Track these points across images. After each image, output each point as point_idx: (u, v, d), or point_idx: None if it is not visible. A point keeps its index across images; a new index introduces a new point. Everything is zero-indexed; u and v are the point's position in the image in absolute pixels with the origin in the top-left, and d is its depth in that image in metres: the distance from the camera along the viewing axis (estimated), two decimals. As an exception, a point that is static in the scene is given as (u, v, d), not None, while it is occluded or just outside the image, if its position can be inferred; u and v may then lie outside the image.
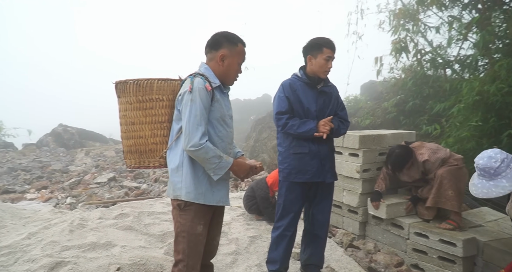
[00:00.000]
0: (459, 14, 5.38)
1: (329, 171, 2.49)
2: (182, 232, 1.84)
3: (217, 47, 1.89)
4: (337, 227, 3.80)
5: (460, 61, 5.55)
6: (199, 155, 1.75)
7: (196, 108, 1.74)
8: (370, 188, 3.55)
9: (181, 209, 1.83)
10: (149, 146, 1.91)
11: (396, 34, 5.93)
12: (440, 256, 2.79)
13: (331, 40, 2.43)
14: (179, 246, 1.85)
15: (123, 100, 1.94)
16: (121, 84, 1.93)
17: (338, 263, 2.90)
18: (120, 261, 2.60)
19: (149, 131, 1.90)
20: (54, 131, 11.70)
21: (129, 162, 1.99)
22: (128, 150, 1.98)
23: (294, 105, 2.46)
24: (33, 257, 2.57)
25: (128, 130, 1.94)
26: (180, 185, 1.81)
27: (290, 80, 2.52)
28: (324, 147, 2.46)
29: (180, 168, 1.83)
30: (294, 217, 2.53)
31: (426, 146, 3.20)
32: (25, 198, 5.26)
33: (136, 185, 6.09)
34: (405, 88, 6.15)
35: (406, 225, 3.08)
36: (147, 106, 1.89)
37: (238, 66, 1.95)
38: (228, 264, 2.90)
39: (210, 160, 1.76)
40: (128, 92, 1.91)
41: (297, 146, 2.45)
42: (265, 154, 8.82)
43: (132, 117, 1.91)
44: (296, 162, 2.45)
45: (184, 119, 1.75)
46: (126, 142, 1.97)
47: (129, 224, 3.40)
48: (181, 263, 1.84)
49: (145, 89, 1.88)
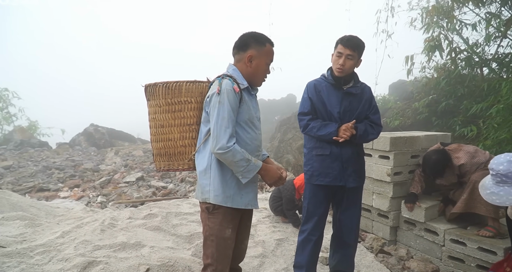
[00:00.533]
0: (498, 11, 5.09)
1: (352, 175, 2.36)
2: (211, 236, 1.83)
3: (245, 48, 1.87)
4: (367, 231, 3.69)
5: (499, 59, 5.25)
6: (226, 158, 1.73)
7: (224, 110, 1.73)
8: (402, 192, 3.42)
9: (209, 212, 1.83)
10: (178, 149, 1.92)
11: (429, 32, 5.70)
12: (478, 264, 2.65)
13: (349, 36, 2.29)
14: (208, 250, 1.84)
15: (152, 103, 1.95)
16: (151, 87, 1.94)
17: (368, 269, 2.81)
18: (149, 262, 2.64)
19: (178, 134, 1.91)
20: (86, 131, 12.16)
21: (159, 165, 2.00)
22: (157, 153, 1.99)
23: (317, 107, 2.40)
24: (67, 256, 2.64)
25: (158, 133, 1.95)
26: (208, 188, 1.81)
27: (316, 81, 2.46)
28: (347, 149, 2.34)
29: (208, 170, 1.82)
30: (318, 220, 2.47)
31: (464, 149, 3.04)
32: (58, 196, 5.47)
33: (163, 185, 6.19)
34: (438, 87, 5.90)
35: (441, 231, 2.94)
36: (176, 108, 1.90)
37: (266, 66, 1.91)
38: (255, 267, 2.88)
39: (238, 163, 1.74)
40: (158, 95, 1.91)
41: (319, 148, 2.39)
42: (290, 154, 8.75)
43: (162, 120, 1.92)
44: (318, 164, 2.39)
45: (212, 121, 1.74)
46: (156, 145, 1.98)
47: (157, 225, 3.44)
48: (210, 267, 1.83)
49: (174, 91, 1.89)
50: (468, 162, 2.90)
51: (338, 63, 2.28)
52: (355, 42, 2.26)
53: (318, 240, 2.51)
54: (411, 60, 6.12)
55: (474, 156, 2.93)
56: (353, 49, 2.25)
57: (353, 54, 2.26)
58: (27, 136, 12.36)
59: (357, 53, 2.28)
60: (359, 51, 2.29)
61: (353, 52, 2.25)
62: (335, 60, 2.32)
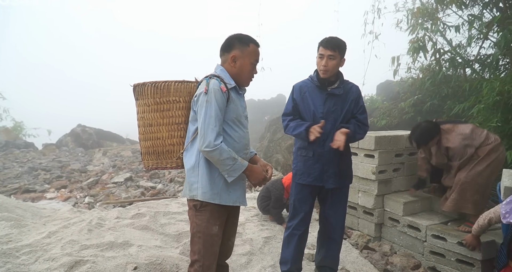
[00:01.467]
0: (480, 13, 5.23)
1: (332, 177, 2.41)
2: (198, 233, 1.86)
3: (229, 49, 1.92)
4: (352, 228, 3.76)
5: (481, 60, 5.39)
6: (213, 156, 1.76)
7: (211, 109, 1.76)
8: (386, 190, 3.51)
9: (197, 209, 1.86)
10: (166, 147, 1.95)
11: (414, 33, 5.81)
12: (458, 259, 2.74)
13: (328, 38, 2.35)
14: (195, 246, 1.87)
15: (141, 103, 1.98)
16: (139, 87, 1.97)
17: (353, 265, 2.88)
18: (137, 261, 2.65)
19: (166, 133, 1.94)
20: (73, 132, 12.00)
21: (147, 163, 2.03)
22: (146, 152, 2.02)
23: (301, 108, 2.47)
24: (53, 256, 2.63)
25: (146, 132, 1.98)
26: (196, 185, 1.84)
27: (302, 82, 2.53)
28: (329, 151, 2.38)
29: (196, 168, 1.85)
30: (304, 217, 2.54)
31: (457, 130, 2.92)
32: (45, 197, 5.41)
33: (152, 185, 6.18)
34: (423, 88, 6.02)
35: (423, 227, 3.02)
36: (165, 108, 1.93)
37: (251, 66, 1.94)
38: (243, 264, 2.91)
39: (224, 162, 1.77)
40: (146, 94, 1.94)
41: (303, 149, 2.47)
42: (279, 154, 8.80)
43: (150, 119, 1.95)
44: (302, 164, 2.48)
45: (200, 120, 1.78)
46: (144, 143, 2.01)
47: (145, 224, 3.45)
48: (197, 263, 1.86)
49: (162, 91, 1.92)
50: (457, 147, 2.84)
51: (321, 64, 2.34)
52: (334, 42, 2.32)
53: (302, 235, 2.57)
54: (397, 60, 6.22)
55: (466, 139, 2.84)
56: (333, 49, 2.31)
57: (334, 54, 2.31)
58: (12, 137, 12.14)
59: (339, 52, 2.33)
60: (340, 50, 2.34)
61: (334, 52, 2.31)
62: (318, 62, 2.38)
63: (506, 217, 2.06)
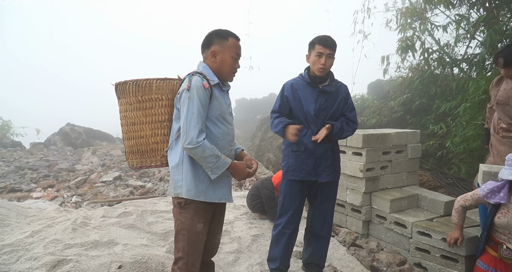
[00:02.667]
0: (467, 13, 5.30)
1: (325, 171, 2.44)
2: (182, 230, 1.85)
3: (208, 45, 1.91)
4: (341, 226, 3.77)
5: (468, 60, 5.47)
6: (196, 153, 1.75)
7: (193, 106, 1.75)
8: (374, 187, 3.52)
9: (181, 207, 1.84)
10: (150, 146, 1.93)
11: (403, 33, 5.87)
12: (443, 255, 2.76)
13: (324, 36, 2.37)
14: (179, 244, 1.86)
15: (123, 101, 1.96)
16: (121, 85, 1.95)
17: (340, 262, 2.88)
18: (121, 259, 2.61)
19: (150, 131, 1.92)
20: (62, 130, 11.81)
21: (131, 162, 2.00)
22: (130, 151, 2.00)
23: (293, 106, 2.48)
24: (35, 255, 2.59)
25: (129, 130, 1.96)
26: (181, 183, 1.82)
27: (293, 80, 2.54)
28: (320, 146, 2.41)
29: (180, 166, 1.84)
30: (293, 214, 2.53)
31: None
32: (31, 197, 5.31)
33: (141, 184, 6.11)
34: (412, 87, 6.09)
35: (409, 224, 3.04)
36: (147, 106, 1.91)
37: (232, 60, 1.93)
38: (230, 262, 2.90)
39: (207, 159, 1.77)
40: (128, 93, 1.92)
41: (295, 144, 2.46)
42: (271, 153, 8.80)
43: (133, 117, 1.93)
44: (293, 160, 2.48)
45: (182, 117, 1.77)
46: (128, 142, 1.99)
47: (132, 223, 3.41)
48: (181, 261, 1.85)
49: (144, 89, 1.90)
50: None
51: (320, 62, 2.35)
52: (332, 41, 2.37)
53: (292, 234, 2.57)
54: (387, 60, 6.28)
55: None
56: (332, 48, 2.36)
57: (332, 53, 2.37)
58: (-1, 136, 11.92)
59: (334, 51, 2.38)
60: (335, 49, 2.39)
61: (332, 51, 2.36)
62: (315, 60, 2.37)
63: (489, 197, 2.11)
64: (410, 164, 3.79)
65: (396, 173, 3.70)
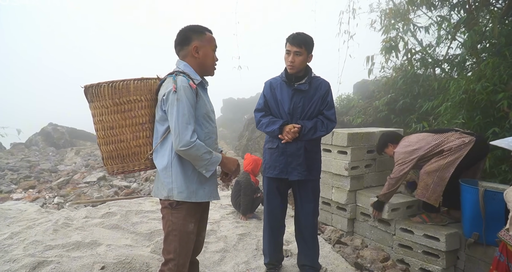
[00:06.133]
0: (448, 14, 5.42)
1: (296, 169, 2.43)
2: (174, 231, 1.82)
3: (187, 42, 1.89)
4: (326, 224, 3.81)
5: (449, 60, 5.59)
6: (191, 153, 1.74)
7: (183, 106, 1.73)
8: (358, 185, 3.57)
9: (173, 207, 1.82)
10: (132, 150, 1.86)
11: (387, 33, 5.95)
12: (424, 250, 2.82)
13: (293, 34, 2.37)
14: (170, 245, 1.83)
15: (97, 105, 1.84)
16: (94, 88, 1.82)
17: (325, 259, 2.91)
18: (104, 260, 2.57)
19: (131, 134, 1.84)
20: (44, 130, 11.54)
21: (111, 168, 1.90)
22: (108, 156, 1.88)
23: (270, 104, 2.51)
24: (15, 257, 2.52)
25: (107, 135, 1.85)
26: (171, 185, 1.80)
27: (272, 79, 2.56)
28: (292, 145, 2.41)
29: (169, 168, 1.81)
30: (273, 211, 2.58)
31: (408, 138, 3.08)
32: (11, 198, 5.17)
33: (126, 184, 6.03)
34: (396, 87, 6.17)
35: (392, 221, 3.09)
36: (126, 108, 1.83)
37: (213, 53, 1.95)
38: (216, 261, 2.89)
39: (202, 157, 1.77)
40: (103, 95, 1.81)
41: (270, 142, 2.52)
42: (258, 152, 8.80)
43: (110, 121, 1.83)
44: (269, 157, 2.53)
45: (172, 119, 1.73)
46: (106, 148, 1.87)
47: (115, 223, 3.36)
48: (172, 262, 1.82)
49: (121, 91, 1.80)
50: (397, 152, 3.02)
51: (288, 60, 2.36)
52: (300, 39, 2.33)
53: (275, 230, 2.61)
54: (372, 60, 6.34)
55: (409, 146, 2.94)
56: (299, 46, 2.33)
57: (301, 50, 2.33)
58: (-23, 136, 11.53)
59: (305, 48, 2.35)
60: (306, 46, 2.35)
61: (300, 49, 2.33)
62: (285, 58, 2.40)
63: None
64: (393, 163, 3.84)
65: (380, 171, 3.76)
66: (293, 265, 2.80)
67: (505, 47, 3.97)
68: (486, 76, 3.74)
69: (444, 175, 2.73)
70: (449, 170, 2.72)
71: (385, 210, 3.08)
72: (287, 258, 2.94)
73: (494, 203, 2.46)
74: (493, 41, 4.40)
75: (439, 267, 2.72)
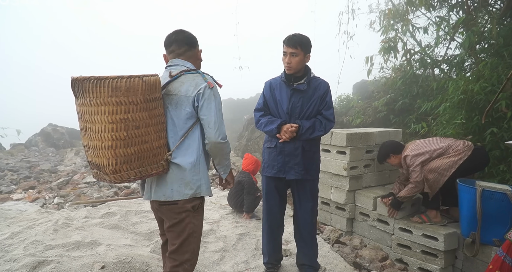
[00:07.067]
0: (447, 15, 5.44)
1: (293, 168, 2.44)
2: (195, 233, 1.85)
3: (194, 44, 1.94)
4: (325, 224, 3.82)
5: (448, 60, 5.60)
6: (225, 148, 1.83)
7: (219, 102, 1.82)
8: (357, 185, 3.58)
9: (195, 210, 1.84)
10: (153, 151, 1.69)
11: (386, 34, 5.97)
12: (423, 250, 2.83)
13: (289, 35, 2.39)
14: (189, 246, 1.84)
15: (122, 100, 1.56)
16: (125, 81, 1.56)
17: (324, 259, 2.92)
18: (104, 260, 2.58)
19: (155, 134, 1.69)
20: (44, 131, 11.52)
21: (127, 175, 1.63)
22: (125, 160, 1.61)
23: (269, 104, 2.54)
24: (15, 257, 2.53)
25: (131, 136, 1.60)
26: (200, 182, 1.81)
27: (272, 79, 2.59)
28: (289, 144, 2.43)
29: (197, 165, 1.81)
30: (271, 210, 2.60)
31: (416, 143, 3.12)
32: (11, 199, 5.17)
33: (126, 184, 6.03)
34: (395, 87, 6.19)
35: (391, 220, 3.11)
36: (153, 106, 1.67)
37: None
38: (215, 261, 2.90)
39: (227, 156, 1.88)
40: (135, 90, 1.58)
41: (268, 141, 2.56)
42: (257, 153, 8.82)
43: (138, 119, 1.61)
44: (267, 156, 2.56)
45: (211, 113, 1.77)
46: (124, 151, 1.60)
47: (115, 223, 3.37)
48: (188, 262, 1.84)
49: (151, 86, 1.63)
50: (408, 156, 2.99)
51: (285, 61, 2.39)
52: (296, 40, 2.35)
53: (273, 229, 2.63)
54: (371, 60, 6.37)
55: (419, 149, 2.98)
56: (295, 47, 2.34)
57: (296, 51, 2.35)
58: (-23, 136, 11.53)
59: (301, 49, 2.36)
60: (302, 47, 2.36)
61: (296, 49, 2.35)
62: (282, 59, 2.43)
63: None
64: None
65: (379, 171, 3.78)
66: (292, 264, 2.82)
67: (504, 48, 3.99)
68: (485, 77, 3.75)
69: (445, 173, 2.79)
70: (451, 169, 2.79)
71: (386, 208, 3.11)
72: (286, 257, 2.96)
73: (492, 202, 2.47)
74: (491, 41, 4.42)
75: (437, 266, 2.73)
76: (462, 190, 2.69)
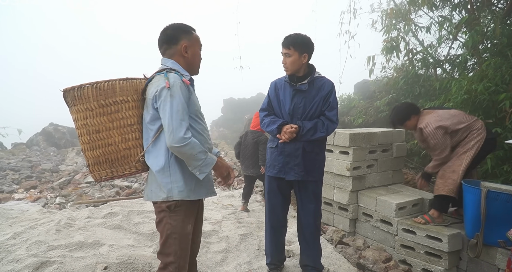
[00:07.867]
0: (449, 14, 5.42)
1: (293, 169, 2.43)
2: (174, 234, 1.79)
3: (175, 41, 1.85)
4: (328, 224, 3.81)
5: (450, 60, 5.59)
6: (185, 151, 1.69)
7: (177, 103, 1.69)
8: (360, 186, 3.57)
9: (171, 210, 1.78)
10: (121, 153, 1.78)
11: (388, 33, 5.95)
12: (427, 251, 2.82)
13: (286, 37, 2.38)
14: (170, 248, 1.79)
15: (80, 108, 1.73)
16: (76, 90, 1.71)
17: (327, 260, 2.91)
18: (107, 260, 2.57)
19: (119, 136, 1.77)
20: (45, 130, 11.55)
21: (99, 175, 1.79)
22: (95, 162, 1.77)
23: (273, 104, 2.55)
24: (18, 257, 2.52)
25: (93, 139, 1.75)
26: (171, 185, 1.76)
27: (278, 79, 2.60)
28: (290, 145, 2.42)
29: (166, 168, 1.77)
30: (274, 209, 2.59)
31: (437, 112, 2.98)
32: (13, 198, 5.17)
33: (127, 184, 6.03)
34: (397, 87, 6.18)
35: (394, 221, 3.09)
36: (112, 110, 1.74)
37: (199, 52, 1.94)
38: (218, 262, 2.89)
39: (197, 156, 1.72)
40: (87, 97, 1.71)
41: (271, 141, 2.56)
42: (258, 153, 8.83)
43: (96, 124, 1.73)
44: (269, 156, 2.57)
45: (166, 116, 1.68)
46: (92, 153, 1.76)
47: (118, 223, 3.36)
48: (172, 265, 1.79)
49: (106, 91, 1.72)
50: (428, 126, 2.86)
51: (283, 62, 2.41)
52: (290, 40, 2.34)
53: (276, 229, 2.62)
54: (373, 60, 6.35)
55: (438, 121, 2.86)
56: (287, 47, 2.34)
57: (289, 52, 2.35)
58: (-22, 136, 11.53)
59: (294, 49, 2.34)
60: (295, 47, 2.33)
61: (288, 50, 2.34)
62: (282, 60, 2.43)
63: None
64: (395, 163, 3.85)
65: (382, 172, 3.76)
66: (295, 265, 2.81)
67: (507, 47, 3.97)
68: (488, 77, 3.74)
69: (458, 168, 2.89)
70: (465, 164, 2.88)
71: (392, 209, 3.11)
72: (290, 258, 2.95)
73: (497, 203, 2.45)
74: (494, 41, 4.41)
75: (441, 267, 2.72)
76: (466, 190, 2.67)
